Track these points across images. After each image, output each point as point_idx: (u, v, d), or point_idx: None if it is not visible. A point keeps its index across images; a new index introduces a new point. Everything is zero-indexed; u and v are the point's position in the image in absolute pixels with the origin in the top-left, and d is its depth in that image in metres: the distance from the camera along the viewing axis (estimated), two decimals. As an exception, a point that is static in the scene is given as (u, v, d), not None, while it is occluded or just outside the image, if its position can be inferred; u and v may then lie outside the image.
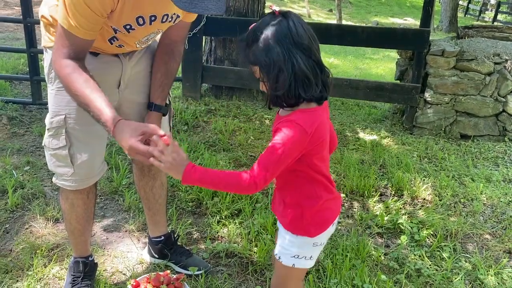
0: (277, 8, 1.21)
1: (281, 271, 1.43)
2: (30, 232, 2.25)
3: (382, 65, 8.66)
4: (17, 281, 1.90)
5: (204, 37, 4.21)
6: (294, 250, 1.35)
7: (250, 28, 1.24)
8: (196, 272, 2.00)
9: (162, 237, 2.05)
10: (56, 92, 1.58)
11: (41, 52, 4.44)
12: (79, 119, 1.57)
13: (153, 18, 1.46)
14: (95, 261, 1.92)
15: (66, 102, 1.55)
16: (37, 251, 2.07)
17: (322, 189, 1.34)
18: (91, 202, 1.78)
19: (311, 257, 1.38)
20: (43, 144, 1.67)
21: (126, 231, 2.34)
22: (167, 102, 1.80)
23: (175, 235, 2.12)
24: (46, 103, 1.69)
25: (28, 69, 3.96)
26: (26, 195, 2.54)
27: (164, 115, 1.76)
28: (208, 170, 1.25)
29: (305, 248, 1.36)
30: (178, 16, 1.55)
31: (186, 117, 3.78)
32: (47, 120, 1.61)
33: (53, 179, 1.72)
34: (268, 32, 1.18)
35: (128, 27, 1.45)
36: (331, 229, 1.40)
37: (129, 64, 1.68)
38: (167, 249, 2.05)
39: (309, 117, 1.22)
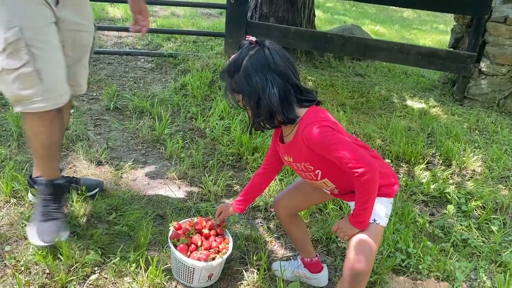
0: (253, 38, 1.31)
1: (370, 235, 1.34)
2: (74, 172, 2.27)
3: (430, 36, 8.26)
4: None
5: (250, -8, 4.07)
6: (384, 211, 1.37)
7: (230, 59, 1.34)
8: (90, 194, 2.02)
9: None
10: (4, 3, 1.42)
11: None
12: (36, 28, 1.46)
13: None
14: (66, 184, 1.88)
15: (19, 12, 1.43)
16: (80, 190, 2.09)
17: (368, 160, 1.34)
18: (55, 128, 1.65)
19: (386, 214, 1.39)
20: None
21: (167, 178, 2.34)
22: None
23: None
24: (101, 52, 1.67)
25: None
26: (70, 136, 2.57)
27: None
28: (358, 207, 1.30)
29: (388, 206, 1.39)
30: None
31: (228, 73, 3.70)
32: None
33: (17, 109, 1.54)
34: (247, 61, 1.27)
35: None
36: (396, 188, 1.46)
37: None
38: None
39: (314, 110, 1.33)
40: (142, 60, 4.07)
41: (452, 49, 4.11)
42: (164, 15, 6.01)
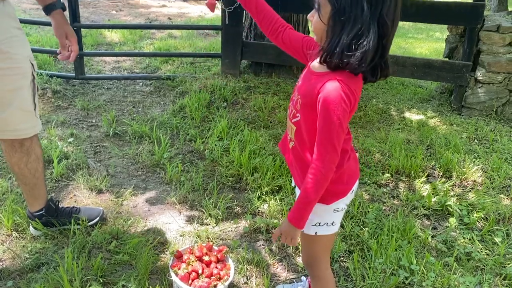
0: None
1: (306, 243, 1.38)
2: (75, 201, 2.28)
3: (427, 45, 8.30)
4: (62, 247, 1.93)
5: (244, 12, 4.12)
6: (315, 218, 1.31)
7: None
8: (90, 223, 2.03)
9: (43, 209, 1.95)
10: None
11: (84, 27, 4.52)
12: None
13: None
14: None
15: None
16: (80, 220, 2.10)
17: (346, 158, 1.30)
18: None
19: (333, 223, 1.34)
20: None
21: (167, 203, 2.34)
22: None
23: (55, 200, 2.02)
24: (89, 78, 1.65)
25: (71, 44, 4.00)
26: (70, 166, 2.58)
27: (63, 10, 1.75)
28: (296, 203, 1.24)
29: (325, 215, 1.32)
30: None
31: (225, 93, 3.74)
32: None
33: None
34: None
35: None
36: (350, 196, 1.36)
37: None
38: (52, 217, 1.97)
39: (355, 82, 1.15)
40: (141, 83, 4.11)
41: (447, 59, 4.13)
42: (161, 37, 6.07)
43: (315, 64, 1.23)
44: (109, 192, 2.39)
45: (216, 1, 1.52)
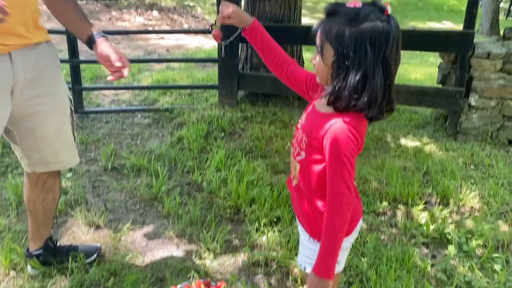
0: (389, 9, 1.12)
1: (312, 281, 1.36)
2: (73, 238, 2.28)
3: (421, 70, 8.43)
4: (60, 286, 1.92)
5: (240, 45, 4.21)
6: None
7: (353, 5, 1.13)
8: (88, 260, 2.03)
9: (42, 248, 1.96)
10: None
11: (84, 62, 4.60)
12: None
13: None
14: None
15: None
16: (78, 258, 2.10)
17: (353, 197, 1.27)
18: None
19: (338, 261, 1.28)
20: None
21: (165, 237, 2.34)
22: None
23: (53, 239, 2.02)
24: (88, 112, 1.67)
25: (70, 79, 4.07)
26: (69, 201, 2.59)
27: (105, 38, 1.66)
28: (321, 254, 1.19)
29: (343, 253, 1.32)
30: None
31: (223, 124, 3.78)
32: None
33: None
34: (369, 25, 1.09)
35: None
36: (355, 234, 1.36)
37: (23, 64, 1.54)
38: (50, 256, 1.98)
39: (361, 121, 1.17)
40: (139, 116, 4.16)
41: (440, 86, 4.20)
42: (159, 69, 6.17)
43: (320, 103, 1.25)
44: (107, 228, 2.39)
45: (221, 32, 1.56)
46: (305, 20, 16.33)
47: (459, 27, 3.74)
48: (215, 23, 1.52)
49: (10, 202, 2.54)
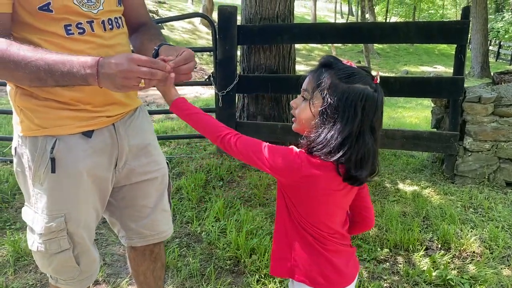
0: (378, 78, 1.17)
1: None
2: (70, 294, 2.24)
3: (416, 113, 8.58)
4: None
5: (236, 95, 4.31)
6: None
7: (347, 63, 1.18)
8: None
9: None
10: (50, 191, 1.36)
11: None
12: (80, 217, 1.42)
13: None
14: None
15: (64, 199, 1.38)
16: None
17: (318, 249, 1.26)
18: None
19: None
20: (30, 249, 1.43)
21: (164, 291, 2.31)
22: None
23: None
24: None
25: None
26: (67, 256, 2.57)
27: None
28: (196, 108, 1.33)
29: None
30: None
31: (221, 172, 3.81)
32: (39, 226, 1.37)
33: (53, 282, 1.51)
34: (362, 87, 1.13)
35: None
36: None
37: (126, 134, 1.50)
38: None
39: (322, 165, 1.15)
40: (138, 166, 4.18)
41: (435, 130, 4.27)
42: (158, 119, 6.28)
43: None
44: (106, 283, 2.36)
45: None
46: (300, 67, 16.75)
47: (451, 70, 3.86)
48: (213, 75, 1.57)
49: (7, 258, 2.51)
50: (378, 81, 1.17)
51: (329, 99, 1.13)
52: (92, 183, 1.42)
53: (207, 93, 8.97)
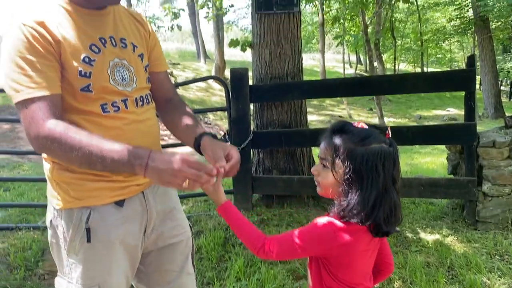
0: (389, 132, 1.23)
1: None
2: None
3: (432, 159, 8.53)
4: None
5: (251, 150, 4.40)
6: None
7: (360, 125, 1.23)
8: None
9: None
10: (85, 261, 1.39)
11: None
12: (112, 283, 1.44)
13: (103, 41, 1.40)
14: None
15: (98, 269, 1.41)
16: None
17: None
18: None
19: None
20: None
21: None
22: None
23: None
24: None
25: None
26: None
27: (214, 137, 1.51)
28: (239, 213, 1.35)
29: None
30: (135, 46, 1.50)
31: (240, 229, 3.80)
32: None
33: None
34: (377, 146, 1.18)
35: (86, 59, 1.34)
36: None
37: (154, 200, 1.54)
38: None
39: (355, 231, 1.21)
40: (157, 227, 4.21)
41: (452, 176, 4.25)
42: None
43: None
44: None
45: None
46: (312, 117, 16.99)
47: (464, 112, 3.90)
48: (227, 133, 1.65)
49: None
50: (390, 135, 1.23)
51: (350, 165, 1.18)
52: (124, 251, 1.46)
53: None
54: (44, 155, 1.39)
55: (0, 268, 3.27)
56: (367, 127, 1.24)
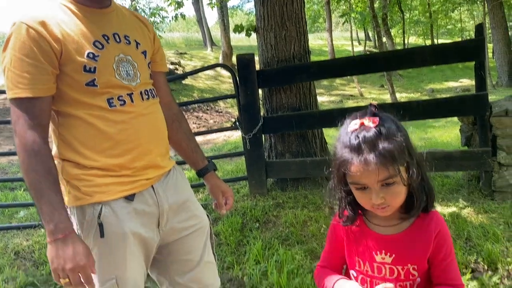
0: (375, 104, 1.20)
1: None
2: None
3: (446, 131, 8.44)
4: None
5: (263, 136, 4.42)
6: None
7: (379, 121, 1.13)
8: None
9: None
10: (100, 255, 1.44)
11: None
12: (129, 275, 1.47)
13: (106, 38, 1.45)
14: None
15: (114, 262, 1.45)
16: None
17: None
18: None
19: None
20: None
21: None
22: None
23: None
24: None
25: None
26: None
27: (215, 170, 1.83)
28: None
29: None
30: (138, 44, 1.55)
31: (256, 214, 3.86)
32: None
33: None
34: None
35: (91, 55, 1.39)
36: None
37: (165, 194, 1.58)
38: None
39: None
40: (175, 216, 4.28)
41: (466, 148, 4.22)
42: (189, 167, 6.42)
43: (376, 229, 1.26)
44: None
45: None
46: (323, 98, 16.88)
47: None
48: (238, 119, 1.73)
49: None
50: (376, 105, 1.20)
51: (410, 157, 1.14)
52: (138, 243, 1.51)
53: (235, 135, 9.15)
54: (53, 153, 1.45)
55: (27, 264, 3.39)
56: (377, 120, 1.14)
